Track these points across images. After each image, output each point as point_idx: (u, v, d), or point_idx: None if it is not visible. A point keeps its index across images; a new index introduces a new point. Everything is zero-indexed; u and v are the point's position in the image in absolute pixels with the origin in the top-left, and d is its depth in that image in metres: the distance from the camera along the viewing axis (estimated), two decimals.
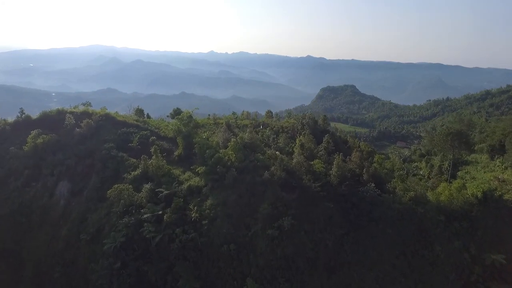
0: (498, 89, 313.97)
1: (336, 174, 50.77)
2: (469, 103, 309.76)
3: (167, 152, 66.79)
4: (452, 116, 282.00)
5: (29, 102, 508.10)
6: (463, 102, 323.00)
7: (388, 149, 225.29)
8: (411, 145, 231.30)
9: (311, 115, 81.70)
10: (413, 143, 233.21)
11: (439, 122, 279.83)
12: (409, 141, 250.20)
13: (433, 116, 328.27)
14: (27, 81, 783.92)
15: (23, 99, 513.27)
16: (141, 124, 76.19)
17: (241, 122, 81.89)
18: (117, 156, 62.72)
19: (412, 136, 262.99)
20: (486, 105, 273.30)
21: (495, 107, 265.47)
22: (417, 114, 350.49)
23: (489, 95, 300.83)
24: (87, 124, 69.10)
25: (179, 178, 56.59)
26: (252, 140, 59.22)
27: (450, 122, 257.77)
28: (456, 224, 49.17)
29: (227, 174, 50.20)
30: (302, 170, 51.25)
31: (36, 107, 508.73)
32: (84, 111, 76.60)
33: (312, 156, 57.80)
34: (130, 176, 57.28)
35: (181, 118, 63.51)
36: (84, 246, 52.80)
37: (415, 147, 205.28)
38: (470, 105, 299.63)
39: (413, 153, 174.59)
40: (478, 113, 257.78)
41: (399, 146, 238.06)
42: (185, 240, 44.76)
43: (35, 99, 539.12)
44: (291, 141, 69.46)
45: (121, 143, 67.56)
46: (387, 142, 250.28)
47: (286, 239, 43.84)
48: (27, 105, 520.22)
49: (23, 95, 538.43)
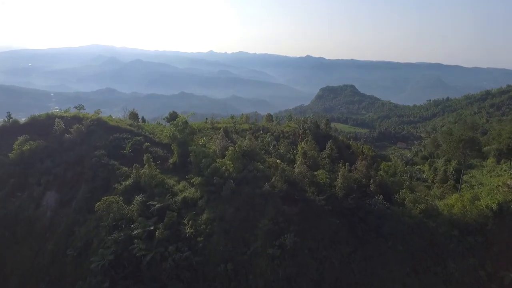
0: (498, 89, 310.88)
1: (341, 185, 47.21)
2: (469, 103, 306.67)
3: (162, 159, 63.24)
4: (452, 116, 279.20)
5: (28, 102, 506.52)
6: (463, 103, 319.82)
7: (389, 150, 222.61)
8: (412, 146, 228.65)
9: (313, 118, 78.33)
10: (414, 144, 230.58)
11: (439, 123, 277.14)
12: (410, 141, 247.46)
13: (433, 116, 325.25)
14: (26, 81, 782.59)
15: (22, 99, 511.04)
16: (135, 129, 72.54)
17: (240, 127, 78.36)
18: (108, 164, 59.04)
19: (413, 137, 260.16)
20: (487, 105, 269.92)
21: (496, 107, 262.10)
22: (417, 114, 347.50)
23: (490, 95, 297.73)
24: (77, 130, 65.41)
25: (173, 188, 52.97)
26: (251, 147, 55.65)
27: (451, 122, 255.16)
28: (471, 239, 45.71)
29: (225, 185, 46.59)
30: (305, 181, 47.70)
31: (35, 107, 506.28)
32: (75, 115, 72.88)
33: (315, 165, 54.29)
34: (121, 186, 53.64)
35: (176, 124, 59.86)
36: (71, 261, 49.15)
37: (416, 148, 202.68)
38: (471, 106, 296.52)
39: (414, 155, 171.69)
40: (478, 113, 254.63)
41: (399, 147, 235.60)
42: (178, 259, 41.14)
43: (34, 99, 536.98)
44: (292, 147, 66.00)
45: (113, 149, 63.92)
46: (388, 143, 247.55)
47: (288, 259, 40.29)
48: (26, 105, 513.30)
49: (22, 95, 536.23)
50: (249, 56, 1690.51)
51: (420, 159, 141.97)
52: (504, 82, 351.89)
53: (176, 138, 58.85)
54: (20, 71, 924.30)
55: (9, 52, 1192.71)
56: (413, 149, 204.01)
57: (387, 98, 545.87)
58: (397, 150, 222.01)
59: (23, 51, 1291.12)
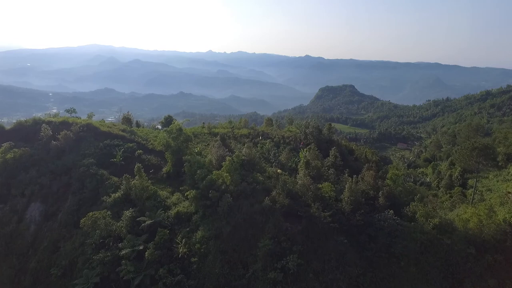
0: (498, 89, 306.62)
1: (348, 199, 43.32)
2: (469, 104, 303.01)
3: (155, 168, 59.38)
4: (452, 117, 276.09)
5: (25, 102, 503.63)
6: (463, 103, 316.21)
7: (389, 151, 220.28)
8: (412, 146, 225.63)
9: (315, 123, 74.24)
10: (414, 145, 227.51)
11: (439, 123, 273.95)
12: (410, 142, 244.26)
13: (433, 116, 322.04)
14: (24, 81, 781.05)
15: (19, 99, 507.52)
16: (128, 135, 68.58)
17: (239, 132, 74.39)
18: (97, 174, 55.03)
19: (413, 138, 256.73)
20: (487, 106, 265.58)
21: (497, 108, 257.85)
22: (416, 115, 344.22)
23: (490, 96, 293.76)
24: (65, 137, 61.35)
25: (166, 201, 49.00)
26: (250, 156, 51.74)
27: (451, 123, 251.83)
28: (489, 257, 41.87)
29: (221, 200, 42.62)
30: (308, 194, 43.79)
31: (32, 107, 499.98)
32: (64, 120, 68.72)
33: (319, 176, 50.41)
34: (109, 199, 49.62)
35: (170, 130, 55.83)
36: (54, 282, 45.15)
37: (416, 149, 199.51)
38: (471, 106, 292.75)
39: (416, 156, 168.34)
40: (479, 114, 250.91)
41: (400, 148, 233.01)
42: (170, 283, 37.19)
43: (32, 99, 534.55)
44: (294, 155, 62.14)
45: (103, 157, 59.92)
46: (388, 144, 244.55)
47: (291, 283, 36.37)
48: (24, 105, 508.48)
49: (20, 95, 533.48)
50: (248, 56, 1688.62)
51: (423, 162, 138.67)
52: (503, 82, 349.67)
53: (170, 146, 54.87)
54: (18, 71, 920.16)
55: (6, 52, 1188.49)
56: (413, 150, 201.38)
57: (386, 98, 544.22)
58: (397, 151, 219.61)
59: (21, 50, 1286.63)
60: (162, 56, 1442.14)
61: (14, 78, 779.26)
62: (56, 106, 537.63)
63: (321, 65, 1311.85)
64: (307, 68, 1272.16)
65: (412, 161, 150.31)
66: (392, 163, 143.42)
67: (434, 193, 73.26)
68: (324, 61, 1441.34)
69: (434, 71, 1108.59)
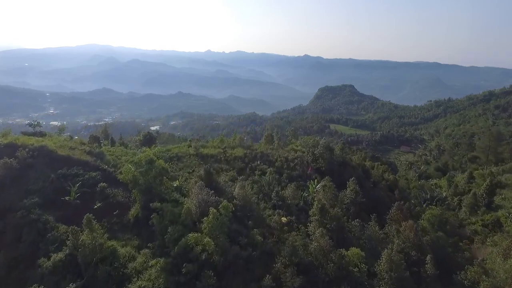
0: (501, 89, 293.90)
1: (388, 277, 29.32)
2: (472, 104, 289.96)
3: (121, 208, 45.07)
4: (455, 118, 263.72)
5: (23, 102, 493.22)
6: (465, 103, 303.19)
7: (392, 154, 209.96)
8: (416, 149, 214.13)
9: (325, 143, 60.41)
10: (418, 148, 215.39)
11: (442, 124, 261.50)
12: (413, 145, 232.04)
13: (435, 117, 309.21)
14: (22, 80, 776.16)
15: (17, 99, 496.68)
16: (93, 160, 54.40)
17: (232, 153, 60.35)
18: (40, 221, 40.83)
19: (416, 140, 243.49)
20: (491, 107, 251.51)
21: (502, 109, 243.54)
22: (418, 115, 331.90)
23: (493, 96, 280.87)
24: (5, 166, 47.00)
25: (126, 266, 34.97)
26: (244, 200, 37.78)
27: (455, 124, 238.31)
28: None
29: (200, 280, 28.67)
30: (328, 267, 29.83)
31: (30, 108, 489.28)
32: (10, 142, 54.13)
33: (338, 228, 36.42)
34: (48, 263, 35.57)
35: (137, 162, 41.63)
36: None
37: (421, 152, 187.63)
38: (474, 107, 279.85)
39: (423, 162, 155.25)
40: (483, 115, 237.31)
41: (403, 151, 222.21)
42: None
43: (30, 99, 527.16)
44: (302, 189, 48.32)
45: (54, 194, 45.60)
46: (390, 146, 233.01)
47: None
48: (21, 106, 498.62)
49: (18, 95, 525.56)
50: (247, 56, 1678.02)
51: (434, 171, 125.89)
52: (503, 81, 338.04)
53: (137, 184, 40.82)
54: (16, 70, 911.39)
55: (5, 51, 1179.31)
56: (417, 153, 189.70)
57: (386, 98, 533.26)
58: (401, 154, 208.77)
59: (19, 50, 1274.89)
60: (161, 56, 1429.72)
61: (13, 78, 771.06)
62: (53, 106, 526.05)
63: (320, 65, 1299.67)
64: (307, 68, 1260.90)
65: (423, 171, 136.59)
66: (397, 169, 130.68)
67: (454, 213, 60.69)
68: (323, 60, 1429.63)
69: (434, 71, 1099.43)
